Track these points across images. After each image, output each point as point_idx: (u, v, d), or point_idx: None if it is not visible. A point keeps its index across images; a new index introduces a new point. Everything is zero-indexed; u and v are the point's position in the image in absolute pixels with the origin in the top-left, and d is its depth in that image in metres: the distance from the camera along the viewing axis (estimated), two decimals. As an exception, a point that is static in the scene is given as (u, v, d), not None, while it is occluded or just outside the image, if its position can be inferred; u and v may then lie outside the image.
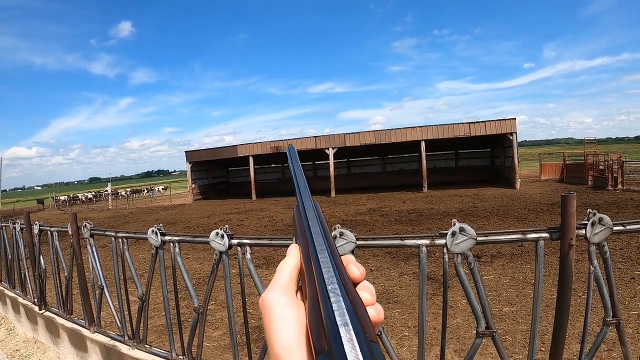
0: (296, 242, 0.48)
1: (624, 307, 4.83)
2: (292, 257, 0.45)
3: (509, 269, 6.89)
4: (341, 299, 0.34)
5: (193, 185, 33.42)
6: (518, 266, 7.03)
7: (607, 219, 1.86)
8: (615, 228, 1.88)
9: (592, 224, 1.87)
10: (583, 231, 1.88)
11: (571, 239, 1.86)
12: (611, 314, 1.94)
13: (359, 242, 2.10)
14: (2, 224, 5.77)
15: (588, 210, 1.91)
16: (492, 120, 24.73)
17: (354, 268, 0.43)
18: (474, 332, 2.05)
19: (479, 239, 1.95)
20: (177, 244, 2.96)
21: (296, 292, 0.42)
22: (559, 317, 1.98)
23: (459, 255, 1.98)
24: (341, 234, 2.10)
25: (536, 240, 1.95)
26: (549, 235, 1.94)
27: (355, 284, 0.42)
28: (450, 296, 5.33)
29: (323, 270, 0.38)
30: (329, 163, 28.11)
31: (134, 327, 3.43)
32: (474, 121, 25.14)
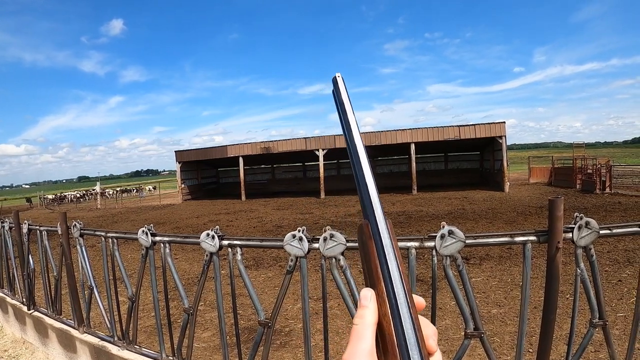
0: (369, 285, 0.43)
1: (611, 309, 4.90)
2: (372, 314, 0.42)
3: (497, 271, 6.96)
4: None
5: (182, 185, 33.15)
6: (506, 268, 7.10)
7: (593, 222, 1.89)
8: (601, 232, 1.90)
9: (579, 228, 1.90)
10: (570, 234, 1.90)
11: (558, 242, 1.88)
12: (597, 316, 1.98)
13: (348, 244, 2.11)
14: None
15: (575, 214, 1.94)
16: (481, 124, 24.97)
17: (433, 344, 0.44)
18: (463, 333, 2.07)
19: (467, 241, 1.97)
20: (167, 245, 2.94)
21: None
22: (546, 319, 2.00)
23: (448, 258, 2.00)
24: (331, 236, 2.11)
25: (524, 243, 1.98)
26: (536, 238, 1.96)
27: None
28: (439, 298, 5.37)
29: None
30: (318, 164, 28.10)
31: (124, 327, 3.40)
32: (463, 124, 25.37)
